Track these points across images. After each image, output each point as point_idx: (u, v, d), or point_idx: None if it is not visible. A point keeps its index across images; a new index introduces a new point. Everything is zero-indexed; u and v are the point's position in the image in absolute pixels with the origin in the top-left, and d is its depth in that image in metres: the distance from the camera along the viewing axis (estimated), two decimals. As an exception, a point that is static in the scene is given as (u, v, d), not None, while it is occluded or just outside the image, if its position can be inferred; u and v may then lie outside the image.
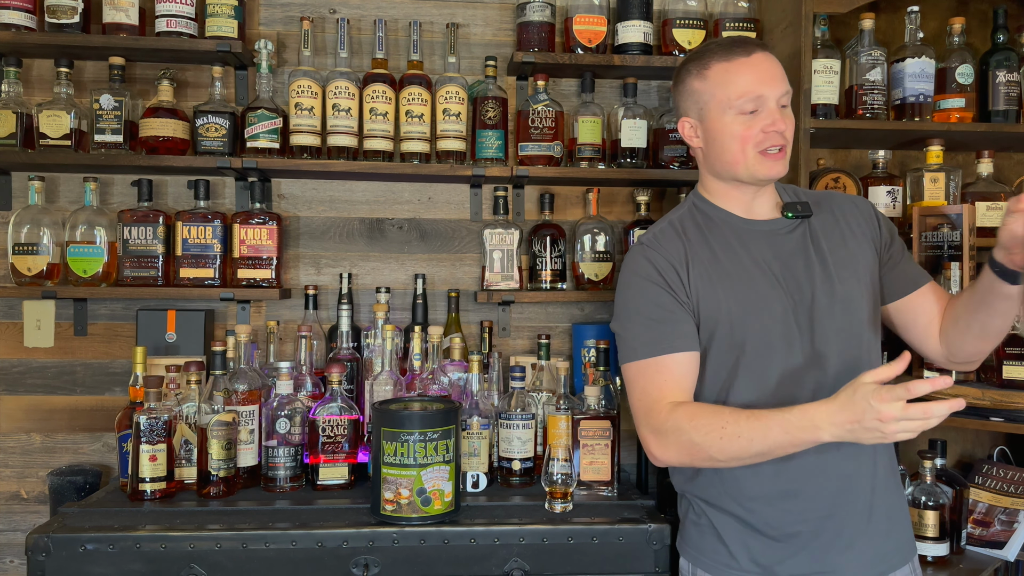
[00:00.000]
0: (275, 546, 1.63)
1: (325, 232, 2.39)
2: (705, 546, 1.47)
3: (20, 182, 2.28)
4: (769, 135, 1.40)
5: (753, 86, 1.40)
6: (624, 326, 1.46)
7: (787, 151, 1.43)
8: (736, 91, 1.40)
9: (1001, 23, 2.27)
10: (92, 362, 2.31)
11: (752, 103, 1.40)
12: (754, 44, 1.44)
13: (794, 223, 1.48)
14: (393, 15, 2.39)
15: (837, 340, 1.41)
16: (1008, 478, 2.07)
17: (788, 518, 1.39)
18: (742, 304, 1.41)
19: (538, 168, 2.23)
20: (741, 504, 1.42)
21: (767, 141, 1.40)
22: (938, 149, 2.22)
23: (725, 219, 1.50)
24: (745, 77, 1.40)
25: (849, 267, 1.45)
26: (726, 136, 1.43)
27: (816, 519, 1.38)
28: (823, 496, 1.38)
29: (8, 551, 2.28)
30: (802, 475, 1.38)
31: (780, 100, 1.42)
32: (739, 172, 1.44)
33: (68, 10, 2.08)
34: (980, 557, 1.88)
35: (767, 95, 1.40)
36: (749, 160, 1.42)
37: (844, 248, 1.47)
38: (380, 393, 1.94)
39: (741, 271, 1.44)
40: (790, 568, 1.39)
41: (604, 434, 1.85)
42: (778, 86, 1.41)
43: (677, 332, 1.41)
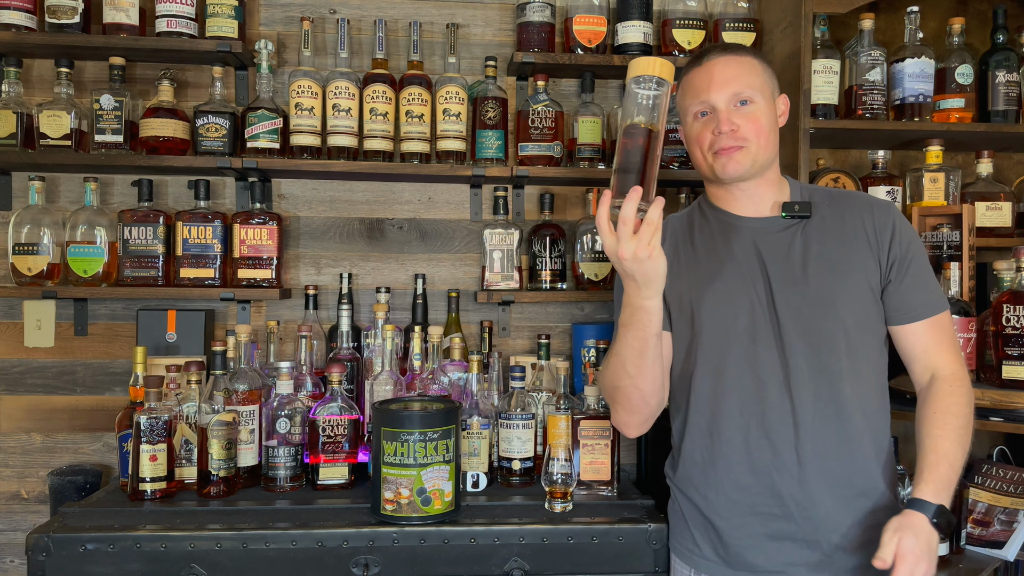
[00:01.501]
0: (275, 546, 1.63)
1: (325, 232, 2.39)
2: None
3: (20, 182, 2.28)
4: (719, 136, 1.45)
5: (700, 92, 1.48)
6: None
7: (748, 148, 1.45)
8: (689, 98, 1.51)
9: (1001, 23, 2.27)
10: (92, 362, 2.31)
11: (701, 106, 1.48)
12: (717, 50, 1.50)
13: (789, 222, 1.50)
14: (393, 15, 2.39)
15: (803, 340, 1.42)
16: (1008, 478, 2.07)
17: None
18: (701, 294, 1.48)
19: (538, 168, 2.23)
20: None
21: (718, 142, 1.45)
22: (938, 149, 2.22)
23: (718, 217, 1.55)
24: (697, 84, 1.49)
25: (836, 270, 1.45)
26: (691, 141, 1.53)
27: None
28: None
29: (8, 551, 2.28)
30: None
31: (733, 100, 1.45)
32: (706, 172, 1.52)
33: (68, 10, 2.08)
34: (980, 557, 1.88)
35: (713, 99, 1.46)
36: (709, 161, 1.48)
37: (837, 251, 1.46)
38: (380, 393, 1.94)
39: (711, 264, 1.50)
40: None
41: (604, 434, 1.85)
42: (726, 88, 1.45)
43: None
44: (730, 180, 1.49)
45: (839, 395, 1.41)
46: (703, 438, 1.49)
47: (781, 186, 1.55)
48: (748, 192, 1.52)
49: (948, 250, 2.01)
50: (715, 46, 1.54)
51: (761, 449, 1.42)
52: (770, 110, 1.48)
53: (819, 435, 1.40)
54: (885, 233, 1.47)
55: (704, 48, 1.56)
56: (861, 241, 1.47)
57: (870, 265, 1.46)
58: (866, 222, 1.48)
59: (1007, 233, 2.26)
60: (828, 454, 1.40)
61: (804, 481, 1.40)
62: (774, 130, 1.49)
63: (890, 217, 1.49)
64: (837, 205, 1.51)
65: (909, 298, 1.46)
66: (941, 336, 1.47)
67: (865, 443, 1.43)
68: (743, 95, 1.45)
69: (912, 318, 1.46)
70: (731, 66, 1.46)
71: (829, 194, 1.56)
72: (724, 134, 1.44)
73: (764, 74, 1.49)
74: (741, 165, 1.45)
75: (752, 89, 1.46)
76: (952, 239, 2.03)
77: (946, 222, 2.05)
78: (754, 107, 1.46)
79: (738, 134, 1.44)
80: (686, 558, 1.54)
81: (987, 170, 2.29)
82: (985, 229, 2.23)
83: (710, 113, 1.47)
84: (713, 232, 1.54)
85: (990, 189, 2.27)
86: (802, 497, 1.41)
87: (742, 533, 1.45)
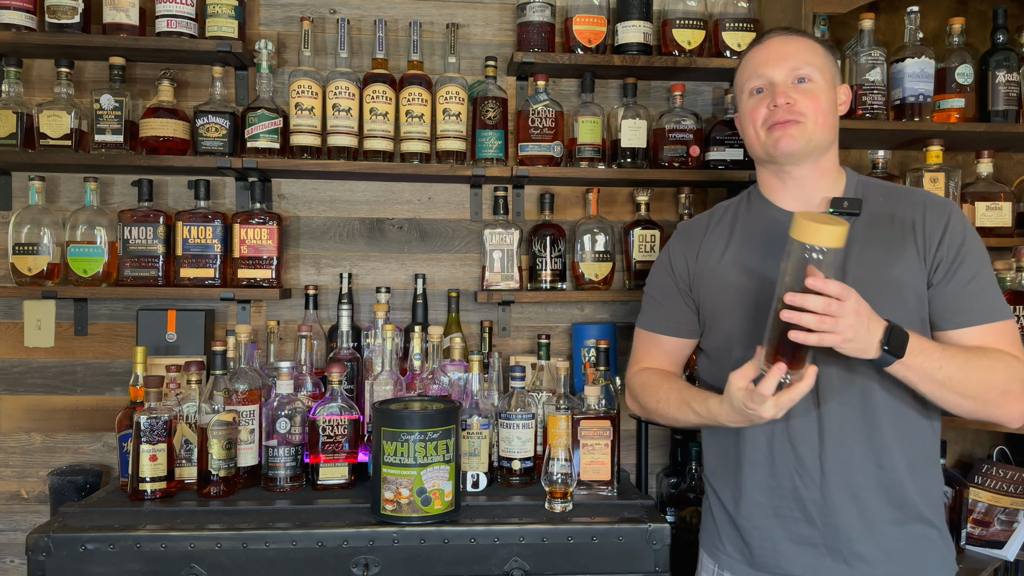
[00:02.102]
0: (275, 546, 1.63)
1: (325, 232, 2.39)
2: None
3: (20, 182, 2.28)
4: (774, 111, 1.40)
5: (757, 66, 1.44)
6: (643, 294, 1.67)
7: (804, 124, 1.39)
8: (746, 74, 1.47)
9: (1001, 23, 2.27)
10: (92, 362, 2.31)
11: (757, 81, 1.44)
12: (779, 30, 1.48)
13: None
14: (393, 15, 2.39)
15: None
16: (1008, 478, 2.07)
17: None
18: (734, 297, 1.45)
19: (538, 168, 2.23)
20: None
21: (772, 116, 1.40)
22: (938, 149, 2.22)
23: (763, 209, 1.50)
24: (754, 60, 1.45)
25: (876, 274, 1.36)
26: (745, 118, 1.48)
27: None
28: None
29: (8, 551, 2.28)
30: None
31: (791, 76, 1.41)
32: (759, 152, 1.46)
33: (68, 10, 2.08)
34: (980, 557, 1.89)
35: (770, 72, 1.42)
36: (762, 138, 1.43)
37: (880, 254, 1.38)
38: (380, 393, 1.94)
39: (748, 263, 1.46)
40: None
41: (604, 434, 1.85)
42: (784, 62, 1.41)
43: (665, 316, 1.59)
44: (783, 159, 1.41)
45: (869, 404, 1.36)
46: (730, 437, 1.47)
47: (837, 177, 1.47)
48: (799, 180, 1.45)
49: (948, 250, 2.00)
50: (776, 28, 1.51)
51: (784, 454, 1.39)
52: (830, 93, 1.42)
53: (844, 444, 1.36)
54: (935, 233, 1.37)
55: (764, 31, 1.54)
56: (908, 243, 1.38)
57: (914, 268, 1.37)
58: (916, 222, 1.39)
59: (1007, 233, 2.26)
60: (853, 463, 1.36)
61: (827, 489, 1.36)
62: (833, 112, 1.43)
63: (944, 216, 1.38)
64: (891, 202, 1.43)
65: (956, 303, 1.35)
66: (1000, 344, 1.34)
67: (895, 454, 1.36)
68: (802, 71, 1.40)
69: (959, 324, 1.35)
70: (791, 43, 1.43)
71: (886, 190, 1.47)
72: (780, 107, 1.39)
73: (826, 57, 1.44)
74: (796, 141, 1.39)
75: (811, 67, 1.41)
76: (952, 239, 2.02)
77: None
78: (813, 85, 1.41)
79: (794, 108, 1.39)
80: (712, 553, 1.54)
81: (987, 170, 2.29)
82: (985, 229, 2.23)
83: (766, 89, 1.43)
84: (755, 228, 1.49)
85: (990, 189, 2.28)
86: (823, 505, 1.37)
87: (763, 535, 1.43)
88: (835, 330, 1.19)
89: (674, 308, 1.58)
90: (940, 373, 1.27)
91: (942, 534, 1.41)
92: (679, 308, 1.57)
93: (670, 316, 1.58)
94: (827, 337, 1.19)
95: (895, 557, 1.36)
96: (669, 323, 1.59)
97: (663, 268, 1.61)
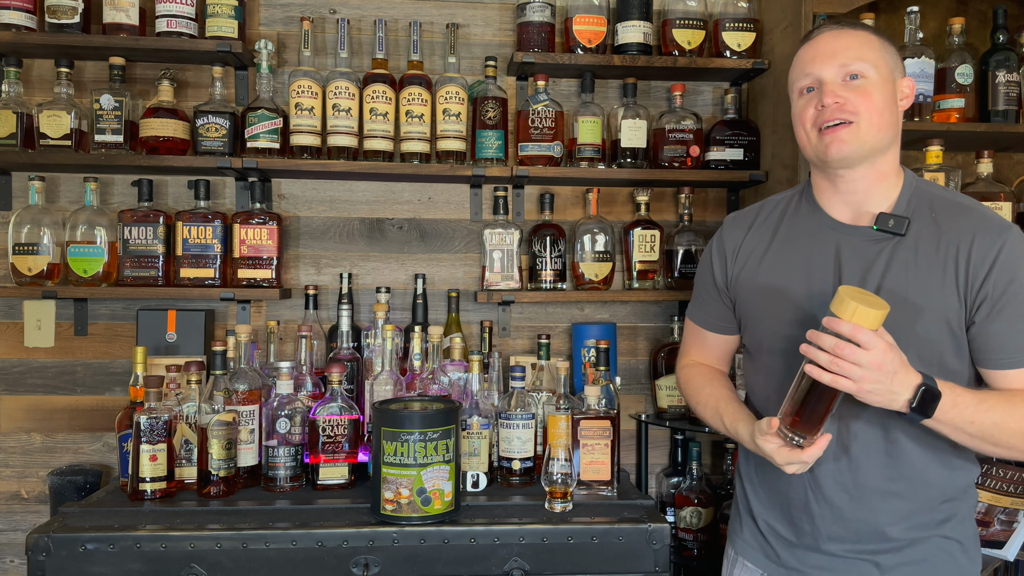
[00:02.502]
0: (275, 546, 1.63)
1: (325, 232, 2.39)
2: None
3: (20, 182, 2.28)
4: (823, 110, 1.32)
5: (806, 64, 1.37)
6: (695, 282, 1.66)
7: (857, 125, 1.31)
8: (795, 73, 1.40)
9: (1001, 23, 2.27)
10: (92, 362, 2.31)
11: (807, 80, 1.37)
12: (830, 24, 1.38)
13: (879, 236, 1.34)
14: (393, 15, 2.39)
15: None
16: (1008, 478, 2.07)
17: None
18: (770, 301, 1.43)
19: (538, 168, 2.23)
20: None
21: (822, 116, 1.33)
22: (938, 149, 2.22)
23: (812, 213, 1.43)
24: (804, 58, 1.38)
25: (907, 303, 1.29)
26: (795, 119, 1.40)
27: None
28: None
29: (8, 551, 2.28)
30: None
31: (841, 73, 1.33)
32: (810, 154, 1.39)
33: (68, 10, 2.08)
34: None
35: (819, 72, 1.34)
36: (813, 140, 1.36)
37: (916, 281, 1.30)
38: (380, 393, 1.94)
39: (788, 269, 1.41)
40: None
41: (604, 434, 1.85)
42: (832, 59, 1.33)
43: (706, 310, 1.59)
44: (835, 164, 1.34)
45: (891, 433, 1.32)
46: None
47: (894, 182, 1.38)
48: (852, 185, 1.36)
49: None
50: (828, 22, 1.40)
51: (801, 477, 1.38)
52: (886, 88, 1.33)
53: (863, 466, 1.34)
54: (983, 265, 1.27)
55: (817, 25, 1.46)
56: (949, 272, 1.28)
57: (951, 302, 1.28)
58: (962, 248, 1.28)
59: (1007, 233, 2.26)
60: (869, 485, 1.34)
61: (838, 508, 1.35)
62: (890, 111, 1.33)
63: (996, 246, 1.27)
64: (942, 221, 1.32)
65: (1000, 343, 1.27)
66: None
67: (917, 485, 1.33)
68: (853, 67, 1.32)
69: (1001, 365, 1.28)
70: (841, 38, 1.34)
71: (945, 204, 1.35)
72: (828, 107, 1.31)
73: (882, 49, 1.34)
74: (847, 144, 1.30)
75: (864, 62, 1.32)
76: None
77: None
78: (865, 81, 1.31)
79: (845, 107, 1.30)
80: (731, 538, 1.57)
81: (987, 170, 2.29)
82: (985, 229, 2.22)
83: (816, 88, 1.35)
84: (800, 233, 1.43)
85: (990, 189, 2.27)
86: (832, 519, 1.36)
87: (775, 531, 1.45)
88: (850, 376, 1.17)
89: (714, 305, 1.57)
90: (972, 428, 1.23)
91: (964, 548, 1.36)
92: (718, 306, 1.56)
93: (711, 312, 1.58)
94: (841, 381, 1.19)
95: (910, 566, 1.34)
96: (710, 319, 1.58)
97: (706, 263, 1.58)
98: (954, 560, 1.35)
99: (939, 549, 1.34)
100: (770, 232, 1.48)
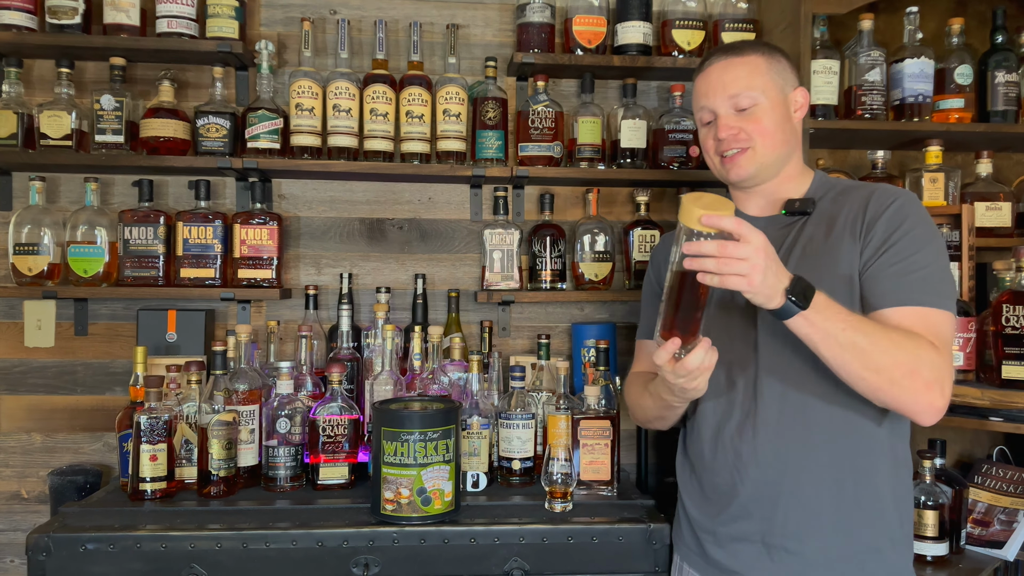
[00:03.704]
0: (275, 546, 1.63)
1: (325, 232, 2.39)
2: None
3: (21, 182, 2.28)
4: (722, 141, 1.45)
5: (701, 98, 1.49)
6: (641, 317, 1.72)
7: (753, 150, 1.42)
8: (695, 105, 1.52)
9: (1000, 24, 2.27)
10: (93, 362, 2.31)
11: (703, 112, 1.49)
12: (718, 53, 1.48)
13: (789, 220, 1.46)
14: (393, 16, 2.40)
15: (773, 339, 1.37)
16: (1007, 478, 2.07)
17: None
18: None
19: (538, 168, 2.23)
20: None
21: (722, 147, 1.45)
22: (937, 149, 2.22)
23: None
24: (700, 89, 1.49)
25: (815, 267, 1.35)
26: (701, 145, 1.54)
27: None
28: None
29: (9, 551, 2.28)
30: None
31: (734, 105, 1.43)
32: (719, 177, 1.52)
33: (69, 11, 2.09)
34: (979, 557, 1.88)
35: (714, 105, 1.45)
36: (717, 165, 1.49)
37: (821, 245, 1.39)
38: (380, 393, 1.94)
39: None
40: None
41: (604, 434, 1.85)
42: (723, 92, 1.43)
43: (648, 321, 1.65)
44: (740, 185, 1.48)
45: (805, 404, 1.36)
46: (695, 437, 1.52)
47: (801, 181, 1.49)
48: (762, 190, 1.50)
49: (948, 250, 2.01)
50: (718, 48, 1.52)
51: (724, 454, 1.42)
52: (777, 108, 1.43)
53: (781, 439, 1.37)
54: (876, 216, 1.35)
55: (709, 51, 1.55)
56: (847, 231, 1.37)
57: (851, 257, 1.35)
58: (858, 209, 1.38)
59: (1007, 233, 2.27)
60: (790, 460, 1.36)
61: (762, 484, 1.38)
62: (784, 128, 1.44)
63: (889, 200, 1.36)
64: (844, 197, 1.43)
65: (882, 283, 1.31)
66: (922, 331, 1.26)
67: (839, 464, 1.36)
68: (740, 100, 1.42)
69: (880, 303, 1.30)
70: (729, 69, 1.44)
71: (851, 186, 1.47)
72: (724, 139, 1.44)
73: (769, 72, 1.43)
74: (745, 169, 1.44)
75: (752, 90, 1.42)
76: (952, 239, 2.03)
77: (946, 222, 2.05)
78: (755, 108, 1.42)
79: (739, 137, 1.42)
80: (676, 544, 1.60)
81: (987, 170, 2.29)
82: (985, 229, 2.23)
83: (712, 120, 1.47)
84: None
85: (990, 189, 2.28)
86: (758, 500, 1.38)
87: (705, 529, 1.50)
88: (739, 271, 1.16)
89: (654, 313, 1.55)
90: (843, 336, 1.21)
91: (895, 547, 1.37)
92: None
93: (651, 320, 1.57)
94: (732, 280, 1.17)
95: (836, 564, 1.35)
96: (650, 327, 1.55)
97: (648, 279, 1.69)
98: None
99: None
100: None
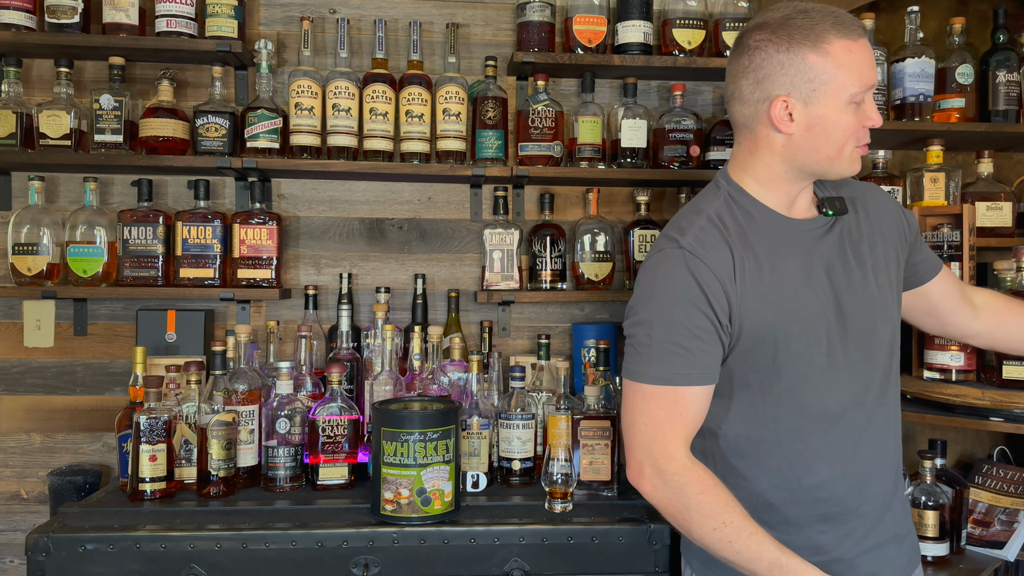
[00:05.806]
0: (275, 546, 1.63)
1: (325, 232, 2.39)
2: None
3: (20, 182, 2.28)
4: (866, 131, 1.28)
5: (865, 72, 1.22)
6: (645, 339, 1.26)
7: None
8: (859, 78, 1.22)
9: (1001, 23, 2.27)
10: (92, 362, 2.31)
11: (865, 93, 1.24)
12: (852, 24, 1.24)
13: (831, 221, 1.34)
14: (393, 15, 2.39)
15: (879, 352, 1.34)
16: (1008, 478, 2.07)
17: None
18: (789, 323, 1.27)
19: (538, 168, 2.23)
20: (776, 529, 1.27)
21: (864, 137, 1.27)
22: (938, 149, 2.22)
23: (766, 216, 1.32)
24: (866, 62, 1.23)
25: (883, 273, 1.36)
26: (837, 128, 1.24)
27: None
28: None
29: (8, 551, 2.28)
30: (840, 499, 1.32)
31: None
32: (828, 167, 1.28)
33: (68, 10, 2.08)
34: (980, 557, 1.88)
35: (874, 80, 1.25)
36: (846, 156, 1.27)
37: (879, 251, 1.37)
38: (380, 393, 1.94)
39: (788, 284, 1.28)
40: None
41: (604, 434, 1.85)
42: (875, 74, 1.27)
43: (702, 362, 1.25)
44: (844, 177, 1.33)
45: (890, 401, 1.38)
46: (783, 482, 1.31)
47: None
48: (806, 188, 1.36)
49: (948, 250, 2.01)
50: (842, 18, 1.24)
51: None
52: None
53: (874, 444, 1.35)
54: (900, 219, 1.45)
55: (825, 9, 1.24)
56: (889, 237, 1.40)
57: (900, 260, 1.43)
58: (887, 215, 1.42)
59: (1007, 233, 2.26)
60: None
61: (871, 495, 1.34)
62: None
63: (892, 200, 1.48)
64: (857, 199, 1.40)
65: (929, 254, 1.51)
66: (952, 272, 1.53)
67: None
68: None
69: (939, 267, 1.52)
70: (868, 47, 1.26)
71: (835, 186, 1.41)
72: (869, 128, 1.28)
73: None
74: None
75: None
76: (952, 239, 2.02)
77: (946, 222, 2.05)
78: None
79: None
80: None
81: (987, 170, 2.29)
82: (985, 229, 2.23)
83: (862, 103, 1.25)
84: (769, 239, 1.30)
85: (990, 189, 2.27)
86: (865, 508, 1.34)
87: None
88: None
89: (713, 350, 1.26)
90: None
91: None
92: (716, 349, 1.27)
93: (705, 361, 1.26)
94: None
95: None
96: (708, 369, 1.27)
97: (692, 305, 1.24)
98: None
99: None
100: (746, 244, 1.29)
